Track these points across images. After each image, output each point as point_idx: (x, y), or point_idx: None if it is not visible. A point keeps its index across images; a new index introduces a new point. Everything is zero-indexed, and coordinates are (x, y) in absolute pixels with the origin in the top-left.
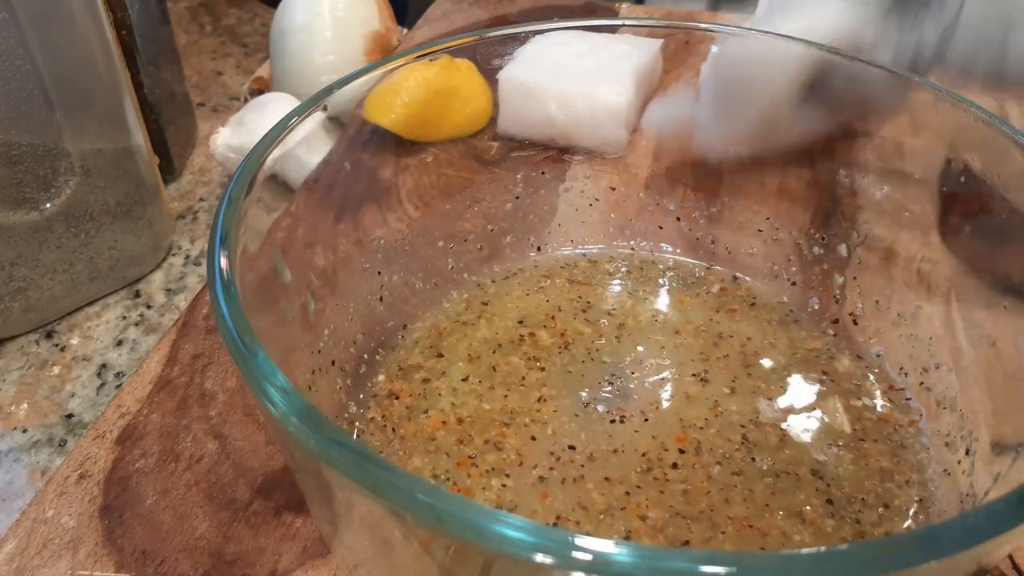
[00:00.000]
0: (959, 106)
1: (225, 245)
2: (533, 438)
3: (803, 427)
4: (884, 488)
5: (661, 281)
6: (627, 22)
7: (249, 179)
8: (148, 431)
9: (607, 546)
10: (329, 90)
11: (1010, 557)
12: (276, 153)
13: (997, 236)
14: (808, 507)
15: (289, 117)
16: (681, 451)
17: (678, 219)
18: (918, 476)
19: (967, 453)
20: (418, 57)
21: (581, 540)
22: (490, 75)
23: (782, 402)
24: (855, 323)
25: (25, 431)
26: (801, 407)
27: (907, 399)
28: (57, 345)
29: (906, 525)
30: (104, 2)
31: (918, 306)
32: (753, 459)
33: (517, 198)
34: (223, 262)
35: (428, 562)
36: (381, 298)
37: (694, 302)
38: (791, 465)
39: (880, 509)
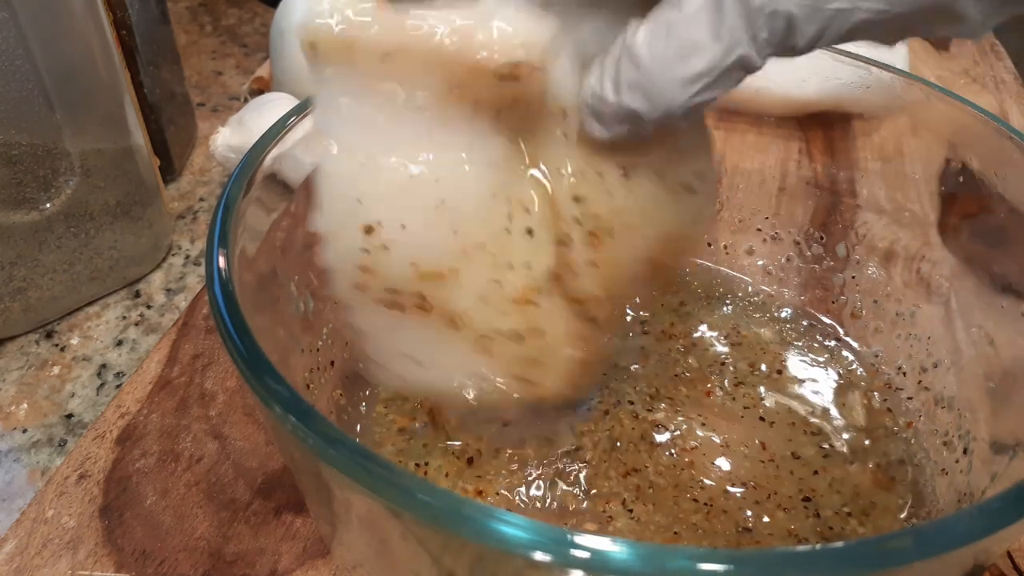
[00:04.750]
0: (958, 106)
1: (223, 245)
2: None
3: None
4: (881, 486)
5: None
6: None
7: (247, 179)
8: (148, 431)
9: (605, 544)
10: None
11: (1009, 556)
12: (275, 153)
13: (996, 236)
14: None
15: (287, 117)
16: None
17: None
18: (916, 475)
19: (965, 452)
20: None
21: (580, 538)
22: None
23: (778, 399)
24: (854, 322)
25: (25, 431)
26: (795, 405)
27: (907, 398)
28: (57, 345)
29: (902, 524)
30: (104, 2)
31: (917, 306)
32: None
33: None
34: (221, 262)
35: (427, 561)
36: None
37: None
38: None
39: (876, 507)
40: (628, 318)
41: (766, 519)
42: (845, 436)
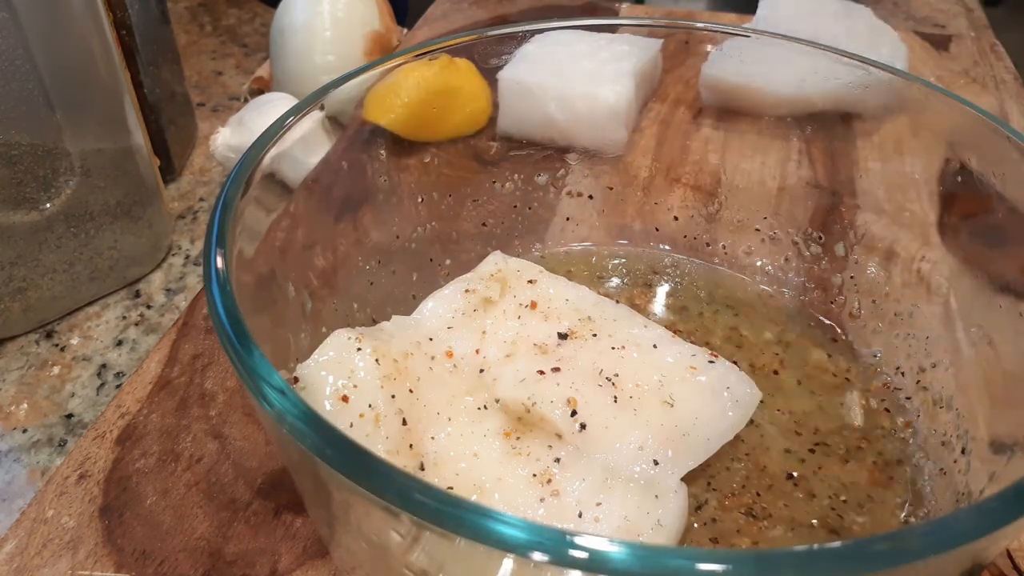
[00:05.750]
0: (958, 106)
1: (221, 245)
2: None
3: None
4: (879, 487)
5: (659, 281)
6: (627, 22)
7: (245, 179)
8: (148, 431)
9: (603, 544)
10: (326, 89)
11: (1009, 556)
12: (273, 153)
13: (995, 236)
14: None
15: (285, 117)
16: None
17: (676, 219)
18: (914, 475)
19: (963, 452)
20: (418, 57)
21: (578, 539)
22: (490, 75)
23: (776, 400)
24: (853, 322)
25: (25, 431)
26: (793, 406)
27: (906, 398)
28: (57, 345)
29: (900, 524)
30: (104, 2)
31: (916, 305)
32: (747, 454)
33: (516, 197)
34: (219, 262)
35: (425, 562)
36: (379, 297)
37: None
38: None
39: (874, 507)
40: None
41: (765, 517)
42: (843, 436)
